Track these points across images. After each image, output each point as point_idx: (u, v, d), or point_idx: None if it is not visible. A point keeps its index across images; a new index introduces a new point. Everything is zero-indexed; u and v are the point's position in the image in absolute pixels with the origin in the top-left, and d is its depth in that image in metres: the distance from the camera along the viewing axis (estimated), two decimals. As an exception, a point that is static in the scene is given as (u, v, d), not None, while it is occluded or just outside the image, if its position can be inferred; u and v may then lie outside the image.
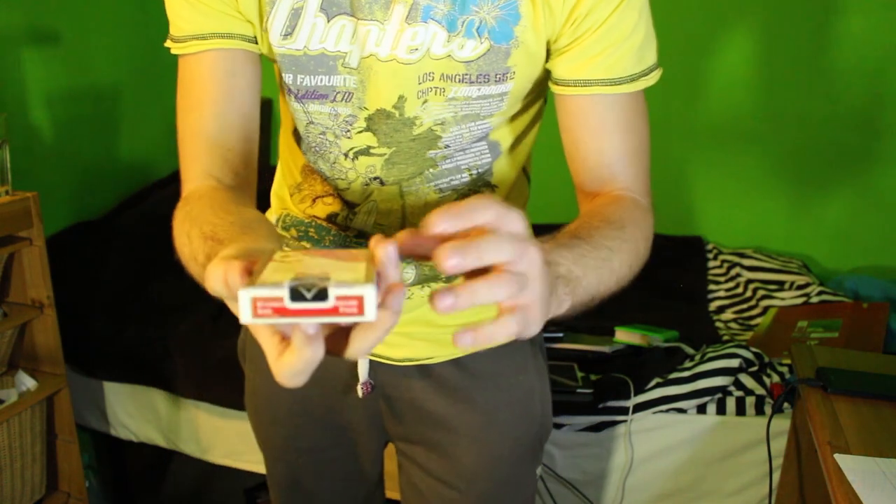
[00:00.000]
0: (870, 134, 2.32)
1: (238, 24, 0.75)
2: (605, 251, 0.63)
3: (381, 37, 0.72)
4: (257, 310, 0.41)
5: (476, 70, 0.73)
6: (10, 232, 1.57)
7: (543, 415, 0.98)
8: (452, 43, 0.72)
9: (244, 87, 0.76)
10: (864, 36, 2.25)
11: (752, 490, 1.60)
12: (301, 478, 1.03)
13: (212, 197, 0.69)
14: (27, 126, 2.01)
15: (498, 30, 0.72)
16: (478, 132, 0.80)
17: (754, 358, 1.68)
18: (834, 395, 1.18)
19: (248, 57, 0.76)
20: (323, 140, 0.82)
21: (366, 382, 0.94)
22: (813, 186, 2.41)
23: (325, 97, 0.77)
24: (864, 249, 2.39)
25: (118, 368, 1.89)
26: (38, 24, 2.02)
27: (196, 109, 0.75)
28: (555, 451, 1.65)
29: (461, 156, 0.82)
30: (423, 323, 0.90)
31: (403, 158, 0.81)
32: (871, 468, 0.98)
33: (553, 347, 1.84)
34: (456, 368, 0.93)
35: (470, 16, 0.71)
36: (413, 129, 0.78)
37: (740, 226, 2.53)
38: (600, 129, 0.75)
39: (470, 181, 0.85)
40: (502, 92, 0.76)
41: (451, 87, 0.75)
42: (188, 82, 0.76)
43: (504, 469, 0.95)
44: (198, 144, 0.75)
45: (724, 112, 2.47)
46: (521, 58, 0.74)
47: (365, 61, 0.74)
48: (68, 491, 1.79)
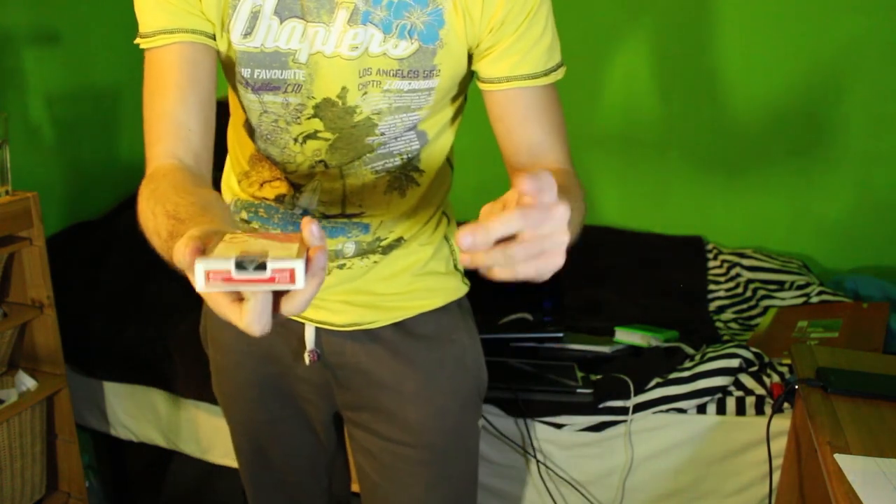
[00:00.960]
0: (870, 133, 2.31)
1: (201, 22, 0.84)
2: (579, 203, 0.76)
3: (326, 37, 0.84)
4: (209, 279, 0.50)
5: (407, 66, 0.86)
6: (10, 232, 1.57)
7: (477, 368, 1.11)
8: (388, 43, 0.84)
9: (205, 75, 0.85)
10: (863, 34, 2.25)
11: (752, 490, 1.60)
12: (262, 447, 1.14)
13: (174, 176, 0.77)
14: (27, 126, 2.01)
15: (425, 32, 0.84)
16: (409, 122, 0.92)
17: (754, 358, 1.68)
18: (834, 395, 1.19)
19: (208, 51, 0.85)
20: (275, 127, 0.92)
21: (312, 350, 1.04)
22: (813, 186, 2.41)
23: (277, 88, 0.88)
24: (864, 249, 2.39)
25: (118, 368, 1.89)
26: (38, 24, 2.02)
27: (161, 93, 0.83)
28: (555, 451, 1.65)
29: (394, 143, 0.94)
30: (363, 292, 1.02)
31: (345, 143, 0.92)
32: (871, 468, 0.98)
33: (553, 347, 1.84)
34: (397, 331, 1.04)
35: (402, 20, 0.84)
36: (354, 116, 0.89)
37: (740, 226, 2.53)
38: (526, 115, 0.88)
39: (401, 164, 0.97)
40: (429, 87, 0.88)
41: (386, 81, 0.86)
42: (155, 71, 0.84)
43: (448, 419, 1.06)
44: (162, 126, 0.82)
45: (725, 112, 2.47)
46: (446, 57, 0.86)
47: (313, 57, 0.85)
48: (68, 491, 1.79)
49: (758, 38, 2.38)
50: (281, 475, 1.16)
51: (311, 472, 1.17)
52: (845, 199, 2.39)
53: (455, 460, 1.09)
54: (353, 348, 1.04)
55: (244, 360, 1.09)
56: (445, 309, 1.07)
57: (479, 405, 1.13)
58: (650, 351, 1.81)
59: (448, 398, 1.06)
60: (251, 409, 1.12)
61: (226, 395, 1.15)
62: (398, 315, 1.04)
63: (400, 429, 1.04)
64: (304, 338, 1.04)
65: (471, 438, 1.12)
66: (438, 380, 1.05)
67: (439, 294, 1.07)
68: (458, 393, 1.07)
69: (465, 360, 1.08)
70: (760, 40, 2.38)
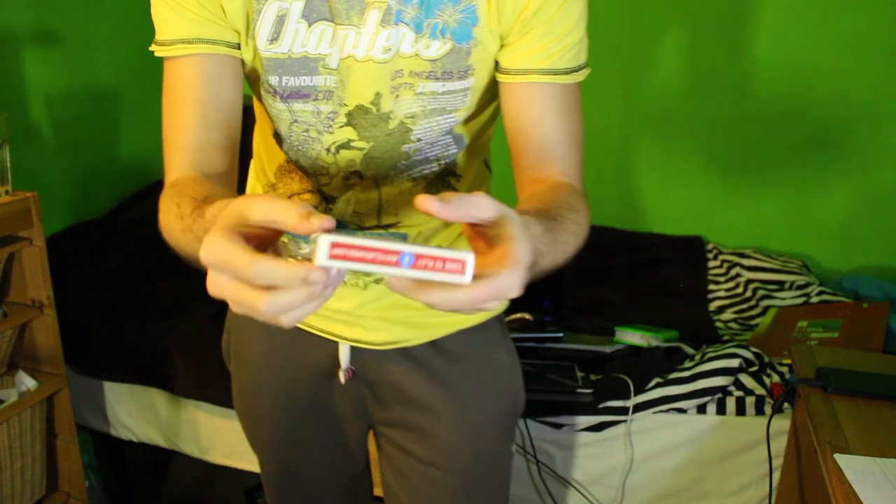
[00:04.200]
0: (870, 133, 2.31)
1: (222, 30, 0.79)
2: (568, 236, 0.70)
3: (357, 39, 0.79)
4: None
5: (441, 67, 0.81)
6: (10, 232, 1.57)
7: (515, 390, 1.05)
8: (419, 43, 0.79)
9: (227, 89, 0.81)
10: (864, 34, 2.25)
11: (752, 490, 1.60)
12: (290, 468, 1.08)
13: (200, 181, 0.75)
14: (27, 126, 2.01)
15: (459, 31, 0.79)
16: (445, 125, 0.87)
17: (754, 358, 1.68)
18: (834, 395, 1.18)
19: (230, 61, 0.81)
20: (306, 137, 0.87)
21: (348, 368, 0.99)
22: (813, 186, 2.41)
23: (307, 96, 0.83)
24: (864, 249, 2.39)
25: (118, 368, 1.89)
26: (38, 24, 2.02)
27: (181, 109, 0.79)
28: (555, 451, 1.65)
29: (429, 149, 0.89)
30: (400, 307, 0.96)
31: (381, 153, 0.87)
32: (871, 468, 0.98)
33: (553, 347, 1.84)
34: (434, 350, 0.99)
35: (434, 19, 0.78)
36: (388, 123, 0.84)
37: (740, 226, 2.53)
38: (541, 114, 0.82)
39: (438, 171, 0.92)
40: (464, 88, 0.83)
41: (418, 83, 0.82)
42: (173, 83, 0.80)
43: (482, 445, 1.01)
44: (182, 140, 0.79)
45: (725, 112, 2.47)
46: (480, 56, 0.81)
47: (343, 62, 0.80)
48: (68, 491, 1.79)
49: (758, 39, 2.38)
50: (308, 493, 1.11)
51: (339, 489, 1.12)
52: (845, 199, 2.39)
53: (486, 486, 1.04)
54: (389, 366, 0.99)
55: (273, 381, 1.04)
56: (485, 326, 1.01)
57: (514, 428, 1.08)
58: (650, 351, 1.81)
59: (483, 422, 1.01)
60: (279, 430, 1.06)
61: (250, 416, 1.09)
62: (435, 333, 0.99)
63: (431, 450, 1.00)
64: (337, 356, 1.00)
65: (503, 463, 1.06)
66: (474, 403, 1.00)
67: None
68: (493, 416, 1.02)
69: (503, 382, 1.03)
70: (760, 41, 2.38)
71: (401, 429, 1.02)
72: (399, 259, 0.48)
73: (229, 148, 0.81)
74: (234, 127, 0.82)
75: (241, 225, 0.51)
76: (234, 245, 0.49)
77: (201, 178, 0.76)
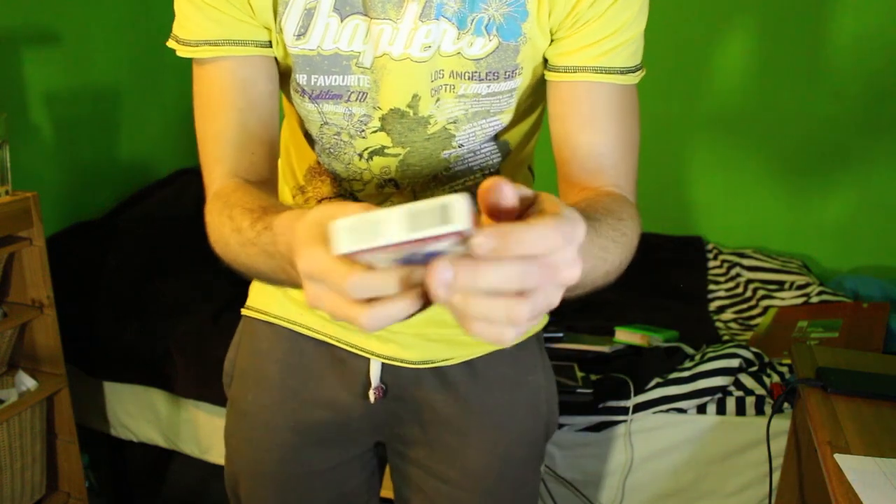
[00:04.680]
0: (870, 133, 2.32)
1: (251, 29, 0.74)
2: (606, 241, 0.62)
3: (394, 36, 0.72)
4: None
5: (485, 67, 0.74)
6: (9, 232, 1.57)
7: (550, 413, 0.98)
8: (462, 40, 0.72)
9: (263, 93, 0.76)
10: (864, 34, 2.25)
11: (752, 490, 1.60)
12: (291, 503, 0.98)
13: (248, 188, 0.70)
14: (27, 126, 2.01)
15: (506, 27, 0.72)
16: (489, 129, 0.80)
17: (754, 358, 1.68)
18: (834, 395, 1.18)
19: (263, 62, 0.76)
20: (338, 141, 0.81)
21: (378, 387, 0.92)
22: (813, 186, 2.41)
23: (339, 97, 0.77)
24: (864, 249, 2.39)
25: (118, 368, 1.89)
26: (38, 24, 2.02)
27: (216, 118, 0.75)
28: (555, 451, 1.65)
29: (472, 157, 0.83)
30: (437, 323, 0.89)
31: (418, 160, 0.81)
32: (871, 468, 0.98)
33: (553, 347, 1.84)
34: (469, 371, 0.93)
35: (479, 13, 0.71)
36: (427, 128, 0.78)
37: (740, 226, 2.53)
38: (591, 117, 0.74)
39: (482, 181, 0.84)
40: (511, 88, 0.76)
41: (460, 85, 0.75)
42: (206, 88, 0.76)
43: (512, 469, 0.95)
44: (221, 149, 0.75)
45: (724, 112, 2.47)
46: (529, 54, 0.74)
47: (378, 60, 0.74)
48: (68, 491, 1.79)
49: (757, 39, 2.38)
50: None
51: None
52: (845, 199, 2.39)
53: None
54: (421, 385, 0.93)
55: (287, 400, 0.94)
56: (523, 345, 0.94)
57: (544, 450, 1.02)
58: (650, 351, 1.81)
59: (515, 446, 0.95)
60: (284, 460, 0.95)
61: (251, 442, 0.96)
62: (472, 352, 0.92)
63: (459, 472, 0.94)
64: (367, 374, 0.92)
65: (533, 486, 1.01)
66: (507, 426, 0.94)
67: None
68: (525, 440, 0.96)
69: (538, 405, 0.97)
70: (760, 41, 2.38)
71: (424, 447, 0.95)
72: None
73: (269, 152, 0.77)
74: (273, 131, 0.78)
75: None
76: (331, 256, 0.46)
77: (246, 185, 0.72)
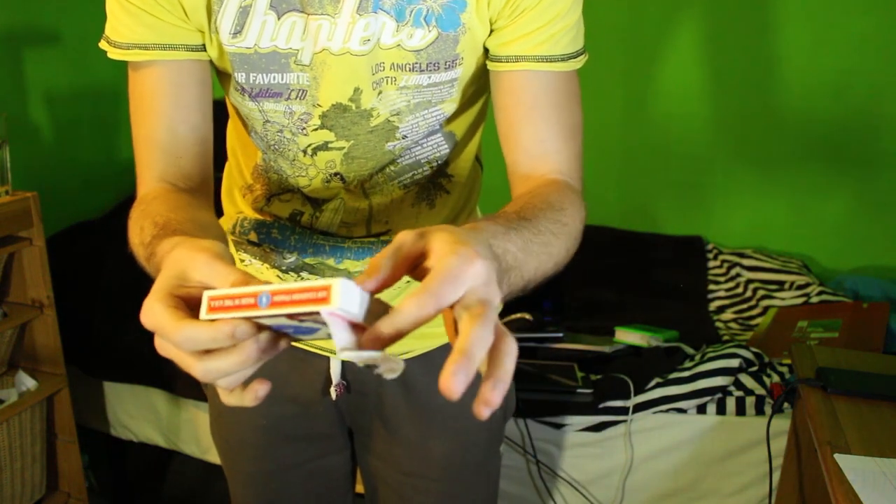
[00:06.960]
0: (870, 134, 2.31)
1: (182, 33, 0.74)
2: (547, 235, 0.64)
3: (332, 31, 0.72)
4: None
5: (426, 58, 0.74)
6: (10, 232, 1.57)
7: (508, 397, 1.01)
8: (401, 32, 0.73)
9: (194, 98, 0.76)
10: (864, 35, 2.25)
11: (752, 490, 1.60)
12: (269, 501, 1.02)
13: (167, 197, 0.72)
14: (27, 126, 2.01)
15: (445, 17, 0.73)
16: (432, 120, 0.81)
17: (754, 358, 1.68)
18: (834, 395, 1.18)
19: (195, 66, 0.76)
20: (281, 138, 0.81)
21: (339, 384, 0.94)
22: (813, 186, 2.41)
23: (279, 95, 0.77)
24: (864, 249, 2.39)
25: (118, 368, 1.89)
26: (38, 24, 2.02)
27: (146, 120, 0.76)
28: (555, 451, 1.65)
29: (419, 150, 0.83)
30: None
31: (362, 152, 0.81)
32: (871, 468, 0.98)
33: (553, 347, 1.84)
34: (426, 363, 0.94)
35: (417, 5, 0.72)
36: (370, 120, 0.78)
37: (740, 226, 2.53)
38: (535, 105, 0.75)
39: (430, 173, 0.86)
40: (452, 78, 0.77)
41: (402, 76, 0.75)
42: (138, 92, 0.77)
43: (475, 453, 0.98)
44: (150, 153, 0.76)
45: (724, 112, 2.48)
46: (468, 43, 0.75)
47: (318, 56, 0.74)
48: (68, 491, 1.79)
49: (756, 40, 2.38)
50: None
51: None
52: (845, 199, 2.39)
53: (478, 487, 1.02)
54: (380, 380, 0.93)
55: None
56: None
57: (503, 430, 1.05)
58: (650, 351, 1.81)
59: (475, 432, 0.97)
60: (258, 457, 1.00)
61: (228, 441, 1.02)
62: (430, 344, 0.94)
63: (422, 462, 0.96)
64: (327, 372, 0.95)
65: (493, 464, 1.04)
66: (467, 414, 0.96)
67: None
68: (486, 425, 0.98)
69: None
70: (759, 42, 2.38)
71: (387, 441, 0.98)
72: (257, 300, 0.45)
73: (200, 156, 0.77)
74: (204, 135, 0.78)
75: (180, 286, 0.50)
76: (165, 310, 0.48)
77: (169, 192, 0.73)
